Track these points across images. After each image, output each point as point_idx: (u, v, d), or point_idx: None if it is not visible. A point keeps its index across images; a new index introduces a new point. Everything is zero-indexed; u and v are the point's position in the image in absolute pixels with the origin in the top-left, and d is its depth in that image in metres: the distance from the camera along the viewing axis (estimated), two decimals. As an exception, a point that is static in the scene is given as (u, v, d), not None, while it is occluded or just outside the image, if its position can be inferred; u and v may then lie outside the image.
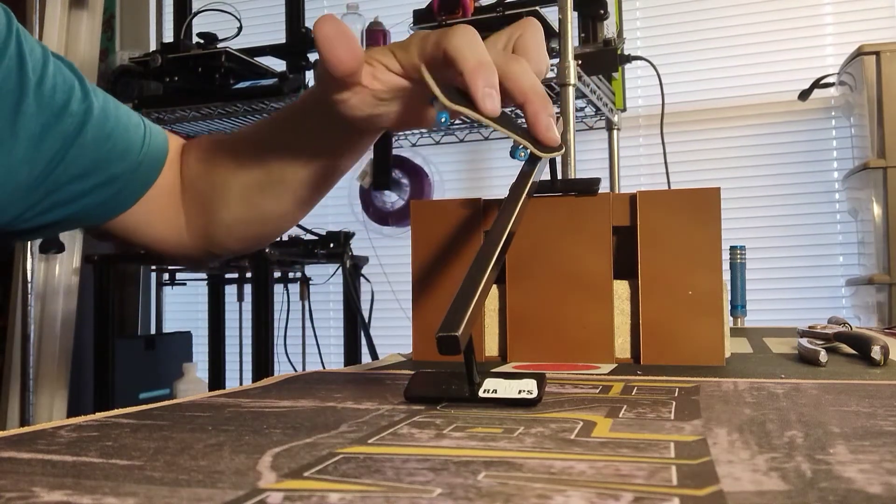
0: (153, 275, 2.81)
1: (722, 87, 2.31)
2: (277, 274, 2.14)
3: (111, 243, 2.42)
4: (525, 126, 0.47)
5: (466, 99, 0.44)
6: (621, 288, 0.58)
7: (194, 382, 2.21)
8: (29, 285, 2.31)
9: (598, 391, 0.42)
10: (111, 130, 0.60)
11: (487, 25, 1.70)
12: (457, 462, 0.25)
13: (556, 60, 1.63)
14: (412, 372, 0.42)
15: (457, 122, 2.21)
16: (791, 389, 0.41)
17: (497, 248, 0.40)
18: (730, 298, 1.06)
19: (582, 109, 2.03)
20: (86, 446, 0.29)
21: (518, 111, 0.47)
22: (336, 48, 0.45)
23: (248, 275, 2.09)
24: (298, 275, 2.25)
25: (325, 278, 2.27)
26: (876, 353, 0.53)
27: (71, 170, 0.59)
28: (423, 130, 2.30)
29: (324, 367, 1.21)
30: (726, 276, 0.60)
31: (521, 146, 0.47)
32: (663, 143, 2.00)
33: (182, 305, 2.86)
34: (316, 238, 2.04)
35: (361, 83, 0.49)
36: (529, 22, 0.50)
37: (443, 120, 0.46)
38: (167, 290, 2.80)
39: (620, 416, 0.34)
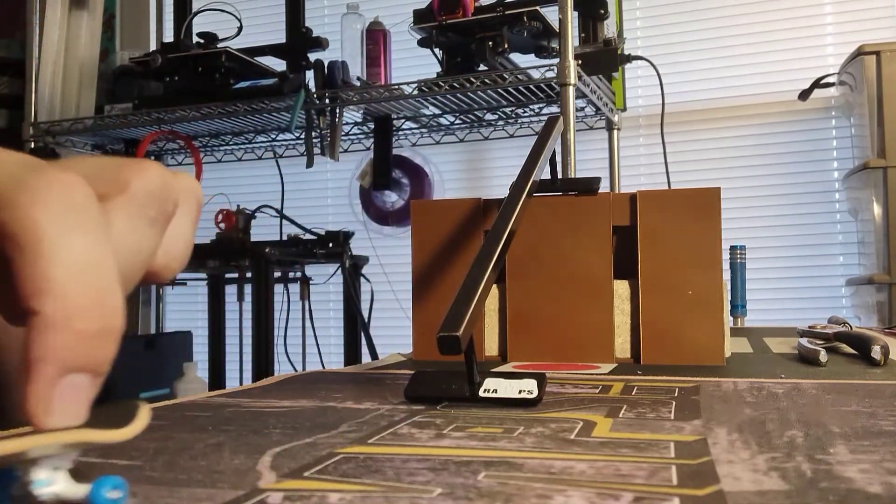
0: (153, 275, 2.81)
1: (722, 87, 2.31)
2: (277, 274, 2.14)
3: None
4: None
5: None
6: (621, 288, 0.58)
7: (194, 382, 2.21)
8: (29, 285, 2.30)
9: (598, 391, 0.42)
10: None
11: (487, 25, 1.70)
12: (457, 462, 0.25)
13: (556, 60, 1.63)
14: (412, 372, 0.42)
15: (456, 122, 2.21)
16: (791, 389, 0.41)
17: (497, 248, 0.40)
18: (730, 298, 1.06)
19: (582, 109, 2.03)
20: (86, 446, 0.29)
21: None
22: None
23: (249, 274, 2.09)
24: (298, 275, 2.25)
25: (325, 278, 2.27)
26: (876, 353, 0.53)
27: None
28: (424, 130, 2.29)
29: (324, 367, 1.21)
30: (726, 276, 0.60)
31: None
32: (663, 143, 2.01)
33: (182, 305, 2.86)
34: (315, 238, 2.04)
35: None
36: (141, 172, 0.22)
37: None
38: (167, 289, 2.80)
39: (620, 415, 0.34)
